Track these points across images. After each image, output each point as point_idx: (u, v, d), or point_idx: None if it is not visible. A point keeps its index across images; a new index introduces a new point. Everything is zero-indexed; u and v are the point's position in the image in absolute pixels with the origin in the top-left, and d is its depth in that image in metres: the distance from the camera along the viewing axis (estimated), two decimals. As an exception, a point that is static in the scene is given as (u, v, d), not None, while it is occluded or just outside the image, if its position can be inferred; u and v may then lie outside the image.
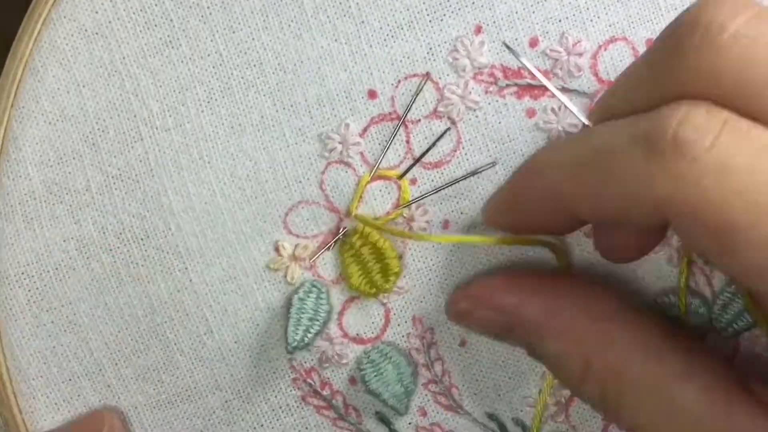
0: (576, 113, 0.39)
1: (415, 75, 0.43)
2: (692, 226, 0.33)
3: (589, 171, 0.36)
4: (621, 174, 0.34)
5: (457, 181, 0.43)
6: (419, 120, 0.43)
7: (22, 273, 0.43)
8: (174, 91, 0.42)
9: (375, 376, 0.44)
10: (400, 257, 0.44)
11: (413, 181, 0.43)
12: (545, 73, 0.43)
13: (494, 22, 0.42)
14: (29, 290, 0.43)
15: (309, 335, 0.43)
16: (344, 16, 0.42)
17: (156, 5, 0.42)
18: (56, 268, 0.43)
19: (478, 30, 0.42)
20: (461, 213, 0.44)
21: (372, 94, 0.43)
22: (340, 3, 0.42)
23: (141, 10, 0.42)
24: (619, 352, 0.37)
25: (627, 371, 0.36)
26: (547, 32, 0.43)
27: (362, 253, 0.43)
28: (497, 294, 0.41)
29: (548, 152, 0.40)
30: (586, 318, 0.38)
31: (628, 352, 0.37)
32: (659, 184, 0.33)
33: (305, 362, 0.44)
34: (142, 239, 0.43)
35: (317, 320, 0.43)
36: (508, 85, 0.43)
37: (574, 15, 0.42)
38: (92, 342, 0.44)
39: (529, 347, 0.40)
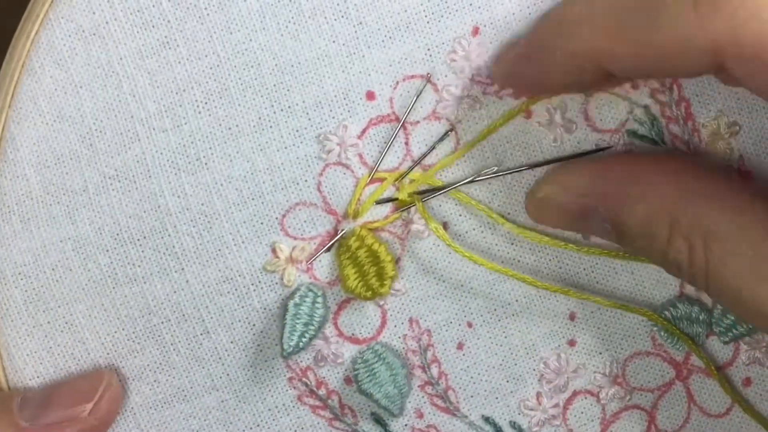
0: None
1: (413, 76, 0.43)
2: (754, 63, 0.32)
3: (630, 24, 0.35)
4: (670, 23, 0.34)
5: (456, 185, 0.43)
6: (418, 122, 0.43)
7: (19, 273, 0.43)
8: (171, 92, 0.42)
9: (367, 376, 0.44)
10: (397, 260, 0.44)
11: (412, 183, 0.43)
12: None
13: (492, 23, 0.42)
14: (26, 290, 0.43)
15: (304, 340, 0.43)
16: (342, 17, 0.42)
17: (153, 6, 0.42)
18: (53, 269, 0.43)
19: (476, 31, 0.42)
20: (460, 215, 0.44)
21: (370, 96, 0.43)
22: (338, 4, 0.42)
23: (138, 11, 0.42)
24: (705, 203, 0.36)
25: (714, 222, 0.35)
26: (544, 33, 0.42)
27: (359, 256, 0.43)
28: (577, 175, 0.40)
29: (578, 7, 0.38)
30: (667, 176, 0.37)
31: (714, 202, 0.36)
32: (714, 26, 0.32)
33: (301, 361, 0.44)
34: (138, 240, 0.43)
35: (312, 325, 0.43)
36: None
37: (571, 16, 0.42)
38: (89, 342, 0.44)
39: (614, 224, 0.38)
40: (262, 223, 0.43)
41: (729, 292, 0.36)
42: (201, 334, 0.44)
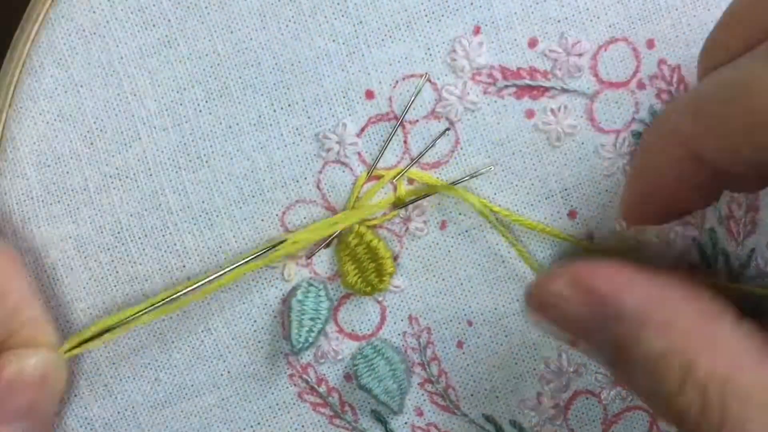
0: None
1: (412, 75, 0.43)
2: None
3: (716, 103, 0.33)
4: (760, 98, 0.31)
5: (454, 183, 0.43)
6: (417, 120, 0.43)
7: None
8: (172, 90, 0.42)
9: (367, 371, 0.44)
10: (396, 258, 0.44)
11: (410, 182, 0.43)
12: (544, 74, 0.43)
13: (493, 22, 0.42)
14: (27, 290, 0.43)
15: (312, 334, 0.43)
16: (342, 16, 0.42)
17: (154, 5, 0.42)
18: (53, 268, 0.43)
19: (477, 31, 0.42)
20: (459, 213, 0.44)
21: (369, 95, 0.43)
22: (338, 3, 0.42)
23: (139, 10, 0.42)
24: (728, 354, 0.32)
25: (736, 377, 0.31)
26: (546, 33, 0.43)
27: (357, 252, 0.43)
28: (600, 276, 0.35)
29: (672, 103, 0.37)
30: (692, 313, 0.33)
31: (738, 355, 0.32)
32: None
33: (301, 358, 0.44)
34: (140, 238, 0.43)
35: (319, 319, 0.43)
36: (506, 86, 0.43)
37: (573, 16, 0.42)
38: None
39: (618, 350, 0.33)
40: (262, 220, 0.43)
41: None
42: (202, 332, 0.44)
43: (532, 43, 0.43)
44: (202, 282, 0.42)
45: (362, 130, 0.43)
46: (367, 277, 0.43)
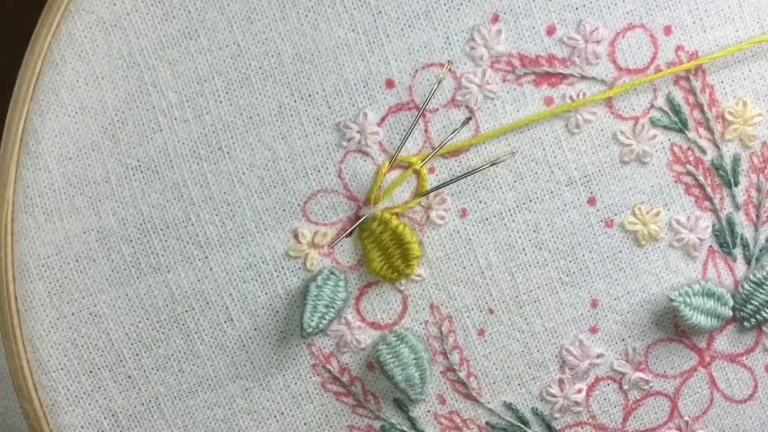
0: None
1: (432, 64, 0.43)
2: None
3: None
4: None
5: (475, 171, 0.43)
6: (437, 109, 0.43)
7: (43, 265, 0.44)
8: (193, 82, 0.43)
9: (391, 357, 0.44)
10: (420, 243, 0.44)
11: (431, 170, 0.44)
12: (562, 61, 0.43)
13: (511, 10, 0.43)
14: (50, 282, 0.44)
15: (324, 322, 0.43)
16: (361, 6, 0.42)
17: (174, -4, 0.42)
18: (76, 260, 0.44)
19: (495, 19, 0.43)
20: (479, 202, 0.44)
21: (390, 84, 0.43)
22: None
23: (159, 2, 0.42)
24: None
25: None
26: (564, 20, 0.43)
27: (383, 239, 0.43)
28: None
29: None
30: None
31: None
32: None
33: (324, 347, 0.45)
34: (162, 229, 0.43)
35: (333, 308, 0.43)
36: (525, 74, 0.43)
37: (591, 3, 0.43)
38: (113, 333, 0.44)
39: None
40: (284, 210, 0.43)
41: None
42: (225, 322, 0.44)
43: (551, 31, 0.43)
44: None
45: (383, 119, 0.43)
46: (393, 263, 0.43)
